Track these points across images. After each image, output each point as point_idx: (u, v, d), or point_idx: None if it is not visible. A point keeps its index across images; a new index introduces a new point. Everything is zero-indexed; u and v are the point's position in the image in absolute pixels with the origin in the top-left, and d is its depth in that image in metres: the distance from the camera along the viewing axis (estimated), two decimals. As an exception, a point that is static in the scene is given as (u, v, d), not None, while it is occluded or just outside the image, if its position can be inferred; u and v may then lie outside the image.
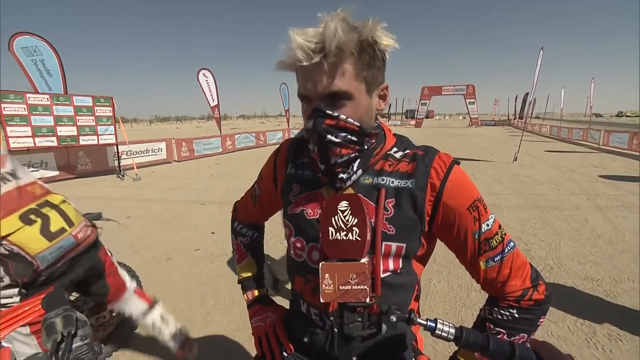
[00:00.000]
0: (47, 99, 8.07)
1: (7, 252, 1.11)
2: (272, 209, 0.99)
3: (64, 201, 1.32)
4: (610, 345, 2.15)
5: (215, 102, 14.11)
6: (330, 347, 0.77)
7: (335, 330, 0.75)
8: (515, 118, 36.88)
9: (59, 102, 8.27)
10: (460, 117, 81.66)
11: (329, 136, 0.65)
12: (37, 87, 8.44)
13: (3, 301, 1.14)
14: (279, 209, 0.95)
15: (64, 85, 8.92)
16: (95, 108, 8.94)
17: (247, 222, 1.07)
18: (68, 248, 1.25)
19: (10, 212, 1.13)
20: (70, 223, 1.28)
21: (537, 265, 3.32)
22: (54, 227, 1.21)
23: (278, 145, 0.92)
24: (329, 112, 0.64)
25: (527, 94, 11.00)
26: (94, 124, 8.92)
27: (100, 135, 9.11)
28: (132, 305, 1.66)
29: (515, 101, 39.03)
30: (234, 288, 2.97)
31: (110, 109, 9.20)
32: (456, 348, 0.71)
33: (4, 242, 1.10)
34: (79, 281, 1.36)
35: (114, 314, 2.07)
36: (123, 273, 1.65)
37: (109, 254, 1.58)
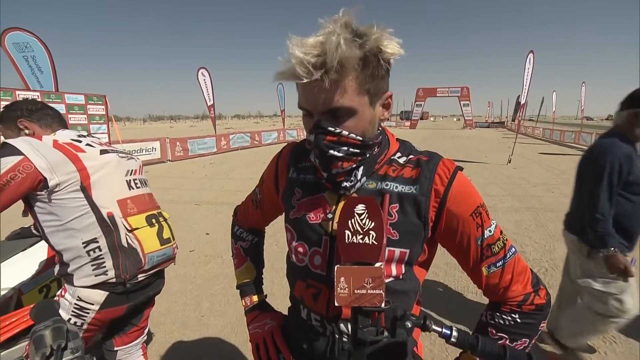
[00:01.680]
0: (38, 96, 7.93)
1: (126, 246, 1.23)
2: (273, 213, 0.98)
3: (168, 218, 1.51)
4: (604, 347, 2.16)
5: (211, 102, 14.04)
6: (331, 354, 0.75)
7: (336, 336, 0.73)
8: (512, 120, 37.14)
9: (50, 100, 8.12)
10: (455, 119, 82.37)
11: (330, 151, 0.64)
12: (29, 84, 8.29)
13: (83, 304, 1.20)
14: (280, 214, 0.94)
15: (55, 82, 8.77)
16: (88, 106, 8.81)
17: (247, 226, 1.06)
18: (167, 258, 1.41)
19: (141, 211, 1.33)
20: (173, 237, 1.46)
21: (532, 267, 3.32)
22: (165, 235, 1.39)
23: (273, 146, 0.90)
24: (330, 128, 0.63)
25: (519, 96, 11.08)
26: (86, 122, 8.79)
27: (93, 134, 8.97)
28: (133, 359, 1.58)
29: (508, 104, 39.45)
30: (229, 290, 2.93)
31: (103, 107, 9.07)
32: (452, 349, 0.70)
33: (129, 234, 1.24)
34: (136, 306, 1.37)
35: None
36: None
37: None
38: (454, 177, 0.69)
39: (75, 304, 1.19)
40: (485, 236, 0.69)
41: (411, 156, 0.74)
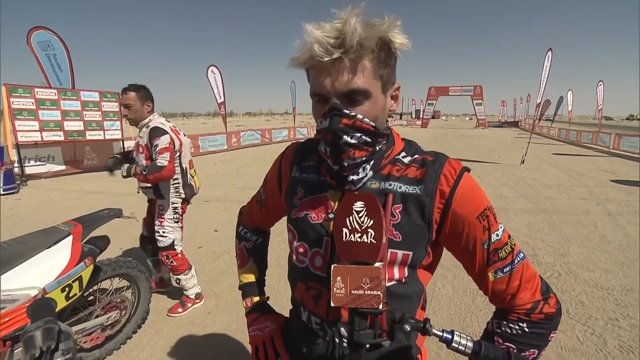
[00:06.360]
0: (55, 93, 8.13)
1: (189, 183, 2.56)
2: (278, 213, 0.96)
3: (194, 175, 2.67)
4: (621, 357, 2.08)
5: (222, 99, 14.14)
6: (331, 359, 0.73)
7: (336, 340, 0.71)
8: (533, 119, 36.30)
9: (67, 97, 8.33)
10: (467, 118, 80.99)
11: (345, 137, 0.62)
12: (50, 82, 8.53)
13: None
14: (284, 214, 0.92)
15: (72, 80, 8.99)
16: (102, 103, 9.00)
17: (252, 227, 1.05)
18: (196, 192, 2.69)
19: (192, 167, 2.62)
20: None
21: (544, 271, 3.25)
22: (196, 184, 2.69)
23: (284, 143, 0.89)
24: (346, 111, 0.61)
25: (529, 95, 10.75)
26: (100, 119, 8.98)
27: (107, 130, 9.17)
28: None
29: (522, 103, 38.45)
30: (236, 288, 2.93)
31: (117, 104, 9.24)
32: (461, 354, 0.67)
33: (191, 178, 2.59)
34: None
35: (123, 313, 2.17)
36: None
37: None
38: (460, 178, 0.66)
39: (173, 208, 2.48)
40: (492, 240, 0.66)
41: (416, 156, 0.72)
